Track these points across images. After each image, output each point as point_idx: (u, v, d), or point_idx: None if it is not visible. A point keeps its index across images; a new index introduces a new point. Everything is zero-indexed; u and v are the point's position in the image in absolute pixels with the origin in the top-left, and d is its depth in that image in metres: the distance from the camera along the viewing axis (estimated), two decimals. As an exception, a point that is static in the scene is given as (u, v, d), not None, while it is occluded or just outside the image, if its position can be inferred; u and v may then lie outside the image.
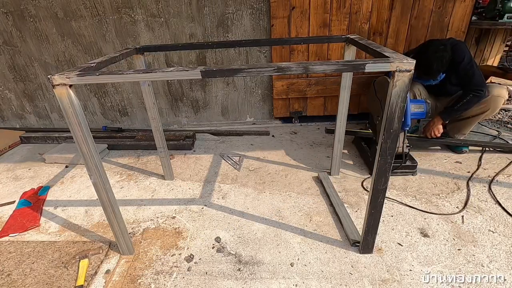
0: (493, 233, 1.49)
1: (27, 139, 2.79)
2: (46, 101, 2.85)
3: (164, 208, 1.83)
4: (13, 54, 2.62)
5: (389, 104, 1.03)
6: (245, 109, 2.87)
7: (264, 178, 2.06)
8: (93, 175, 1.22)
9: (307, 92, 2.67)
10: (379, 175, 1.18)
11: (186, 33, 2.50)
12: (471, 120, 2.12)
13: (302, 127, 2.84)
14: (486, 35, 3.08)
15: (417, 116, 1.91)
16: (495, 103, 2.00)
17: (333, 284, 1.29)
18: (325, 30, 2.44)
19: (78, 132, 1.12)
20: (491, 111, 2.04)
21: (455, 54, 1.91)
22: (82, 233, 1.66)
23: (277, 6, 2.34)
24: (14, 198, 2.01)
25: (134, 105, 2.84)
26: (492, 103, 2.00)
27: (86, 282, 1.34)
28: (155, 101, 1.80)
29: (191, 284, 1.33)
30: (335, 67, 1.00)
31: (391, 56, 1.03)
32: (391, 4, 2.34)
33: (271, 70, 1.01)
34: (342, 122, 1.80)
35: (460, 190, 1.82)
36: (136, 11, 2.41)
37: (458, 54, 1.92)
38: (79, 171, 2.30)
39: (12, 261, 1.48)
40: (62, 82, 1.04)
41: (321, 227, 1.60)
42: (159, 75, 1.04)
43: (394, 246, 1.45)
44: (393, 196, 1.80)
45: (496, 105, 2.01)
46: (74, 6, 2.38)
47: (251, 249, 1.49)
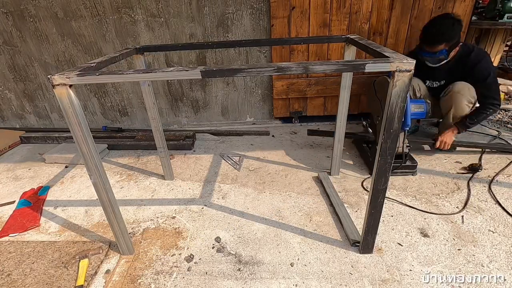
0: (493, 233, 1.49)
1: (27, 139, 2.79)
2: (46, 101, 2.86)
3: (164, 208, 1.83)
4: (13, 54, 2.62)
5: (389, 104, 1.03)
6: (245, 109, 2.87)
7: (264, 178, 2.06)
8: (93, 175, 1.22)
9: (307, 92, 2.67)
10: (379, 175, 1.18)
11: (186, 33, 2.50)
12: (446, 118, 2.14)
13: (302, 127, 2.84)
14: (486, 35, 3.08)
15: (417, 116, 1.91)
16: (457, 100, 2.00)
17: (333, 284, 1.29)
18: (325, 30, 2.44)
19: (78, 132, 1.12)
20: (455, 108, 2.04)
21: (482, 69, 1.91)
22: (82, 233, 1.66)
23: (277, 6, 2.34)
24: (14, 198, 2.01)
25: (134, 105, 2.84)
26: (454, 99, 2.01)
27: (86, 282, 1.34)
28: (155, 101, 1.80)
29: (191, 284, 1.33)
30: (335, 67, 1.00)
31: (391, 56, 1.03)
32: (391, 4, 2.34)
33: (271, 70, 1.01)
34: (342, 122, 1.80)
35: (460, 190, 1.82)
36: (136, 11, 2.41)
37: (485, 68, 1.91)
38: (79, 171, 2.30)
39: (12, 261, 1.48)
40: (62, 82, 1.04)
41: (321, 227, 1.60)
42: (159, 75, 1.04)
43: (394, 246, 1.45)
44: (393, 196, 1.80)
45: (458, 102, 2.01)
46: (74, 6, 2.38)
47: (251, 249, 1.49)
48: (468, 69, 1.98)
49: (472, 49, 1.97)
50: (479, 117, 1.99)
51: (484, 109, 1.98)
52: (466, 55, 1.97)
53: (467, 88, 2.00)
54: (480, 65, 1.92)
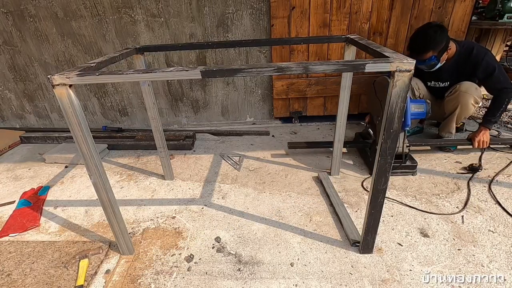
0: (493, 233, 1.49)
1: (27, 139, 2.79)
2: (46, 101, 2.85)
3: (164, 208, 1.83)
4: (13, 54, 2.62)
5: (389, 104, 1.03)
6: (245, 109, 2.87)
7: (264, 178, 2.06)
8: (93, 175, 1.22)
9: (307, 92, 2.67)
10: (379, 175, 1.18)
11: (186, 33, 2.50)
12: (450, 118, 2.14)
13: (302, 127, 2.84)
14: (486, 35, 3.08)
15: (417, 116, 1.91)
16: (464, 99, 2.01)
17: (333, 284, 1.29)
18: (325, 30, 2.44)
19: (78, 132, 1.12)
20: (461, 108, 2.05)
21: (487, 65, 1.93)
22: (82, 233, 1.66)
23: (277, 6, 2.34)
24: (14, 198, 2.01)
25: (134, 105, 2.84)
26: (461, 99, 2.02)
27: (86, 282, 1.34)
28: (155, 101, 1.80)
29: (191, 284, 1.33)
30: (335, 67, 1.00)
31: (391, 56, 1.03)
32: (391, 4, 2.34)
33: (271, 70, 1.01)
34: (342, 122, 1.80)
35: (460, 190, 1.82)
36: (136, 11, 2.41)
37: (489, 63, 1.93)
38: (79, 171, 2.30)
39: (12, 261, 1.48)
40: (62, 82, 1.04)
41: (321, 227, 1.60)
42: (159, 75, 1.04)
43: (394, 246, 1.45)
44: (393, 196, 1.80)
45: (464, 102, 2.02)
46: (74, 6, 2.38)
47: (251, 249, 1.49)
48: (472, 67, 1.99)
49: (473, 47, 1.98)
50: (499, 110, 1.98)
51: (500, 99, 1.97)
52: (468, 54, 1.98)
53: (474, 88, 2.01)
54: (483, 61, 1.94)
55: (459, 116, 2.09)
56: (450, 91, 2.09)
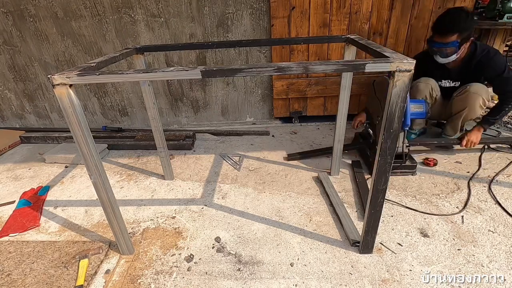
0: (493, 233, 1.49)
1: (27, 139, 2.79)
2: (46, 101, 2.86)
3: (164, 208, 1.83)
4: (13, 54, 2.62)
5: (389, 104, 1.03)
6: (245, 109, 2.87)
7: (264, 178, 2.06)
8: (93, 175, 1.22)
9: (307, 92, 2.67)
10: (379, 175, 1.18)
11: (186, 33, 2.50)
12: (456, 118, 2.13)
13: (302, 127, 2.84)
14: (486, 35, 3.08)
15: (417, 116, 1.91)
16: (472, 100, 2.00)
17: (333, 284, 1.29)
18: (325, 30, 2.44)
19: (78, 132, 1.12)
20: (469, 109, 2.04)
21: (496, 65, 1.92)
22: (82, 233, 1.66)
23: (277, 6, 2.34)
24: (14, 198, 2.01)
25: (134, 105, 2.85)
26: (470, 100, 2.01)
27: (86, 282, 1.34)
28: (155, 101, 1.80)
29: (191, 284, 1.33)
30: (335, 67, 1.00)
31: (391, 56, 1.03)
32: (391, 4, 2.34)
33: (271, 70, 1.01)
34: (342, 122, 1.80)
35: (460, 190, 1.82)
36: (136, 11, 2.41)
37: (500, 62, 1.92)
38: (79, 171, 2.30)
39: (12, 261, 1.48)
40: (62, 82, 1.04)
41: (321, 227, 1.60)
42: (159, 75, 1.04)
43: (394, 246, 1.45)
44: (393, 196, 1.80)
45: (473, 103, 2.01)
46: (74, 6, 2.38)
47: (251, 249, 1.49)
48: (483, 66, 1.97)
49: (485, 47, 1.98)
50: (501, 112, 1.98)
51: (505, 103, 1.96)
52: (479, 53, 1.97)
53: (484, 89, 2.00)
54: (493, 60, 1.93)
55: (466, 117, 2.09)
56: (459, 91, 2.07)
